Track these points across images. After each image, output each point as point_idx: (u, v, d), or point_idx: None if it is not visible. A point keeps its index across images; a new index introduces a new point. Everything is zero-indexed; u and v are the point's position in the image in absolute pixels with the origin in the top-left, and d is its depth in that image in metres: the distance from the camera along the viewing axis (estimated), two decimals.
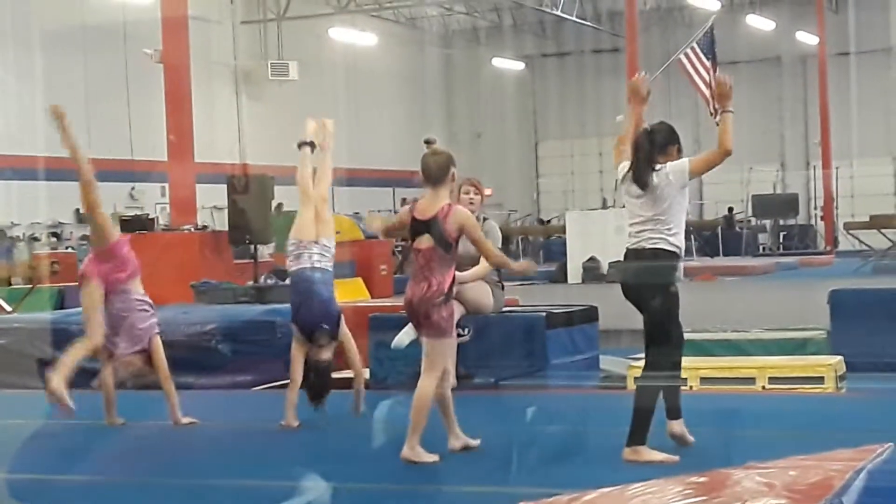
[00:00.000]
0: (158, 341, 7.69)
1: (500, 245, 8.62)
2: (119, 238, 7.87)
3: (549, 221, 36.46)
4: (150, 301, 7.80)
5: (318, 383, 7.51)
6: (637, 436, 5.98)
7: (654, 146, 6.20)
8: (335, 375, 9.29)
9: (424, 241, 6.26)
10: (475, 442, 6.47)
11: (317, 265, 7.56)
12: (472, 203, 8.32)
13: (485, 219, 8.89)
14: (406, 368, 8.88)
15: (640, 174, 6.15)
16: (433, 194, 6.26)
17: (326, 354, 7.53)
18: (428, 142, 6.34)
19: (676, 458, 5.88)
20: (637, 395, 6.12)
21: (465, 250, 8.75)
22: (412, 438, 6.15)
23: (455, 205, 6.34)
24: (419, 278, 6.27)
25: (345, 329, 7.66)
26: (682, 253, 6.24)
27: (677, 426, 6.25)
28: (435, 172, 6.24)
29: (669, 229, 6.13)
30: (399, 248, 22.72)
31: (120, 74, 26.10)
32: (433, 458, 6.15)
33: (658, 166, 6.15)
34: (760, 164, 35.47)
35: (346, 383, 9.15)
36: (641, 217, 6.16)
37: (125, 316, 7.62)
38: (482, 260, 7.88)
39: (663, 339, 6.12)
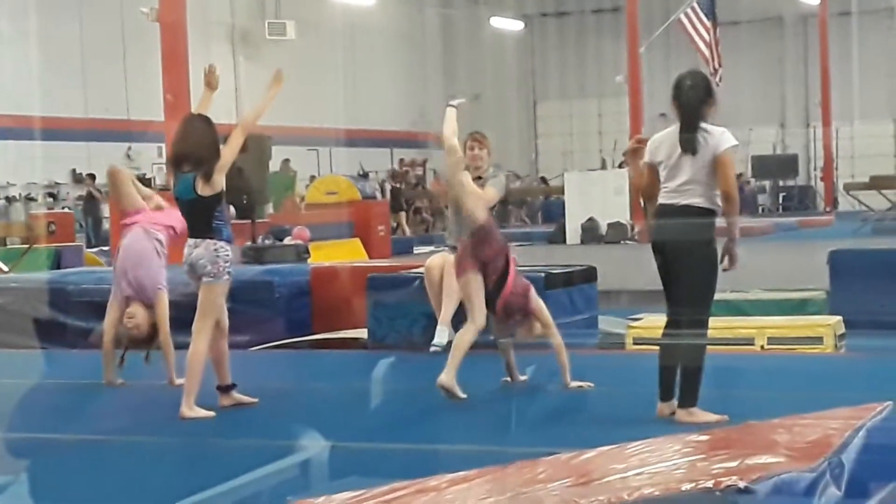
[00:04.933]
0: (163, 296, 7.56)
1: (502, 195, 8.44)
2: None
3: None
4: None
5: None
6: (690, 397, 5.92)
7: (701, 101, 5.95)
8: (337, 335, 9.30)
9: None
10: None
11: None
12: (475, 157, 8.20)
13: (497, 165, 8.79)
14: (404, 328, 8.89)
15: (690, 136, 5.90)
16: None
17: None
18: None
19: (726, 416, 5.82)
20: (682, 356, 5.97)
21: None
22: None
23: None
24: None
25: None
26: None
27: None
28: None
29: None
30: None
31: (116, 33, 25.91)
32: None
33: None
34: (760, 125, 35.34)
35: (345, 343, 9.18)
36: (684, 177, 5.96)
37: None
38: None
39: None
